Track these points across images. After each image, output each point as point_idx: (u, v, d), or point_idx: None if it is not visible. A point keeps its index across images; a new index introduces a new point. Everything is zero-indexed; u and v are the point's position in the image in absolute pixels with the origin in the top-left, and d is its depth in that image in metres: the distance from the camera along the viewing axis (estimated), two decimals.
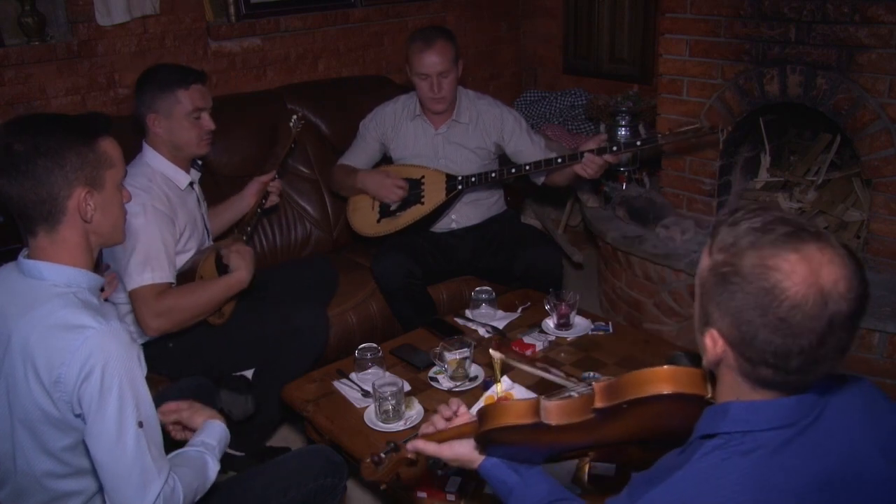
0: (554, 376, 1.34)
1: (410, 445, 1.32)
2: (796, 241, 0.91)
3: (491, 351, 1.59)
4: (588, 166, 2.58)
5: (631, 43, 3.84)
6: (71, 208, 1.39)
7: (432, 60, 2.69)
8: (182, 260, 2.28)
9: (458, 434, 1.28)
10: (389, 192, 2.80)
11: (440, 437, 1.30)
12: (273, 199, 2.68)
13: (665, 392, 1.05)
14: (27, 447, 1.38)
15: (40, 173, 1.35)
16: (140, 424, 1.34)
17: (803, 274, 0.89)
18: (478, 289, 2.50)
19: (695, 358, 1.69)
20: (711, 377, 1.06)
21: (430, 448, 1.30)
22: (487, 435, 1.20)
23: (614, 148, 2.58)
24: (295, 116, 2.77)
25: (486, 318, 2.41)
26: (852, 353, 2.45)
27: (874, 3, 2.40)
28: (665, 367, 1.07)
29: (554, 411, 1.14)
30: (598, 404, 1.10)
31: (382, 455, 1.36)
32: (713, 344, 0.98)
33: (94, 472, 1.37)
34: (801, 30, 2.60)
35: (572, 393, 1.15)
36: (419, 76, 2.73)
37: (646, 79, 3.78)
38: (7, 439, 1.41)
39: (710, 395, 1.05)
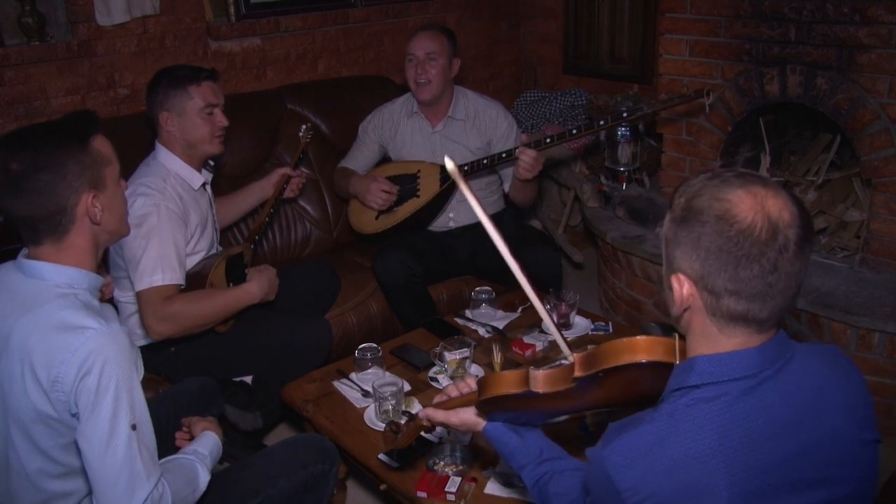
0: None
1: (423, 414, 1.43)
2: (743, 181, 1.02)
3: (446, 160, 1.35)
4: (522, 163, 2.54)
5: (631, 43, 3.84)
6: (80, 215, 1.39)
7: (421, 43, 2.73)
8: (191, 262, 2.27)
9: (464, 402, 1.38)
10: (374, 196, 2.81)
11: (448, 405, 1.40)
12: (289, 193, 2.70)
13: (638, 361, 1.12)
14: (20, 446, 1.38)
15: (44, 188, 1.35)
16: (133, 427, 1.33)
17: (750, 203, 0.99)
18: (478, 289, 2.50)
19: (666, 328, 1.78)
20: (681, 343, 1.13)
21: (440, 416, 1.41)
22: (486, 403, 1.29)
23: (548, 140, 2.55)
24: (304, 126, 2.77)
25: (486, 318, 2.41)
26: (852, 352, 2.45)
27: (874, 3, 2.40)
28: (639, 337, 1.14)
29: (541, 380, 1.22)
30: (578, 373, 1.18)
31: (401, 423, 1.50)
32: (679, 286, 1.05)
33: (85, 472, 1.36)
34: (801, 30, 2.60)
35: (563, 361, 1.21)
36: (407, 59, 2.77)
37: (646, 79, 3.77)
38: (0, 438, 1.40)
39: (679, 362, 1.11)
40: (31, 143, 1.37)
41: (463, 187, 1.30)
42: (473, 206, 1.32)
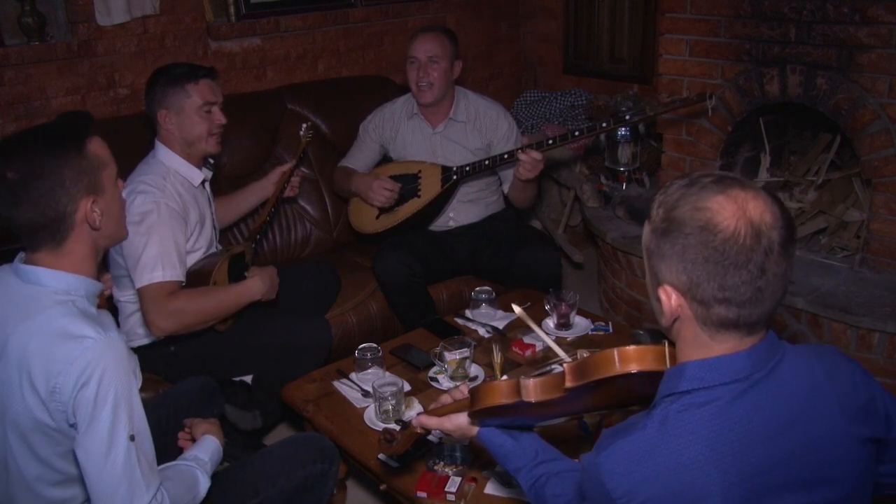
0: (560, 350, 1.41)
1: (416, 421, 1.43)
2: (721, 186, 1.01)
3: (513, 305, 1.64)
4: (523, 164, 2.54)
5: (631, 43, 3.84)
6: (79, 221, 1.37)
7: (423, 45, 2.72)
8: (191, 259, 2.27)
9: (457, 409, 1.38)
10: (377, 194, 2.81)
11: (442, 411, 1.40)
12: (289, 193, 2.70)
13: (629, 371, 1.12)
14: (18, 452, 1.37)
15: (42, 196, 1.33)
16: (132, 437, 1.32)
17: (732, 209, 0.98)
18: (478, 289, 2.50)
19: (656, 335, 1.76)
20: (671, 349, 1.12)
21: (433, 422, 1.40)
22: (478, 413, 1.31)
23: (549, 141, 2.55)
24: (305, 125, 2.77)
25: (486, 318, 2.41)
26: (852, 352, 2.45)
27: (874, 3, 2.40)
28: (629, 347, 1.14)
29: (532, 389, 1.22)
30: (569, 384, 1.18)
31: (395, 431, 1.48)
32: (667, 298, 1.05)
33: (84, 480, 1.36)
34: (801, 30, 2.60)
35: (554, 367, 1.21)
36: (409, 62, 2.76)
37: (646, 79, 3.78)
38: None
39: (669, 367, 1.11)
40: (26, 150, 1.34)
41: (532, 325, 1.45)
42: (548, 343, 1.42)
